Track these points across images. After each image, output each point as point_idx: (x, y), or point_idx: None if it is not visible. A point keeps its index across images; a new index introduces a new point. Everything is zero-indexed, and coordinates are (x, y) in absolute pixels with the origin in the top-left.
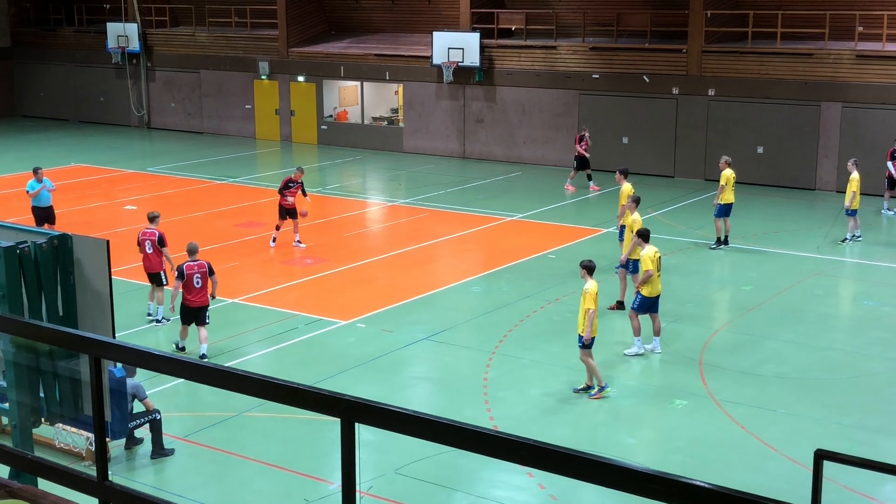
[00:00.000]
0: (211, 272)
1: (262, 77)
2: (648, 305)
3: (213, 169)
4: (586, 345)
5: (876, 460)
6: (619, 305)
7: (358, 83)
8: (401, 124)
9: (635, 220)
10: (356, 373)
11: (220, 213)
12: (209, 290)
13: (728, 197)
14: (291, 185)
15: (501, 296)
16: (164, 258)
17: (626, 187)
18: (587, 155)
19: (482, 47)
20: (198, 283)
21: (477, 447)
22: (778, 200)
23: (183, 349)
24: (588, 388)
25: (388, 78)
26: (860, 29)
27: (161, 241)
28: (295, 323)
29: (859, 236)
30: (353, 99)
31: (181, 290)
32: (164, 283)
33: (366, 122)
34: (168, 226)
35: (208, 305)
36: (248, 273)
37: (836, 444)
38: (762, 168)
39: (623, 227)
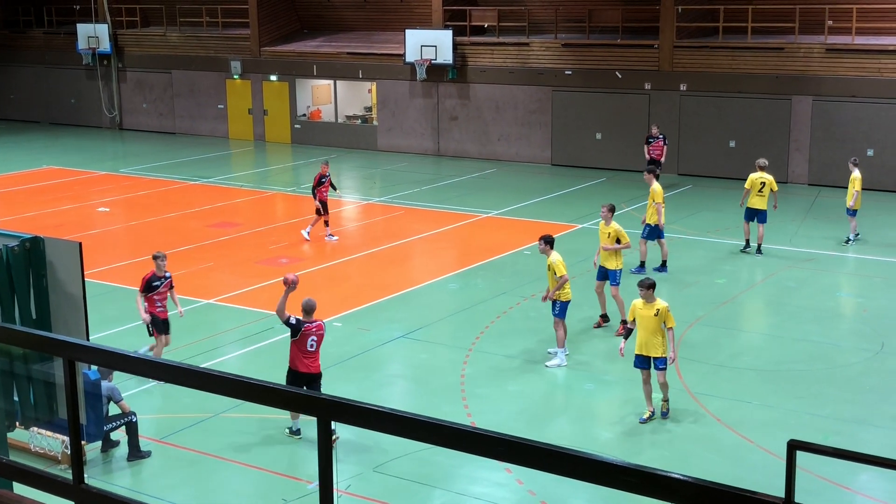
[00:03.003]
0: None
1: (235, 77)
2: (566, 310)
3: (186, 169)
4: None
5: (850, 450)
6: (604, 319)
7: (331, 82)
8: (375, 122)
9: (613, 229)
10: (333, 372)
11: (194, 214)
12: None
13: (755, 202)
14: (324, 179)
15: (477, 293)
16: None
17: (657, 186)
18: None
19: (455, 45)
20: (312, 346)
21: (454, 444)
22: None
23: (297, 433)
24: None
25: (361, 76)
26: (830, 23)
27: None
28: (270, 323)
29: (858, 235)
30: (326, 98)
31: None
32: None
33: (339, 120)
34: (141, 227)
35: (321, 375)
36: (223, 274)
37: (811, 434)
38: (734, 162)
39: (648, 225)
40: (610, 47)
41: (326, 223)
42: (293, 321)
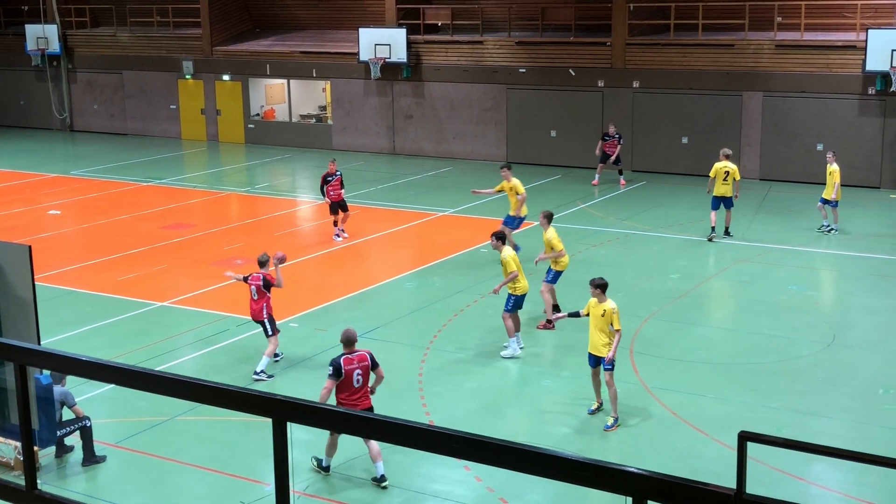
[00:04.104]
0: (374, 364)
1: (187, 77)
2: (521, 304)
3: (138, 171)
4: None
5: (800, 440)
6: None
7: (284, 81)
8: (329, 121)
9: (550, 238)
10: (290, 373)
11: (147, 216)
12: (371, 388)
13: (721, 189)
14: (330, 178)
15: (434, 291)
16: (267, 304)
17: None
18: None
19: (409, 43)
20: (358, 381)
21: (410, 442)
22: (703, 189)
23: (327, 469)
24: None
25: (315, 75)
26: (779, 19)
27: (268, 285)
28: (226, 325)
29: (828, 226)
30: (280, 97)
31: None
32: (269, 332)
33: (294, 119)
34: (93, 230)
35: (372, 409)
36: (177, 276)
37: (764, 426)
38: (687, 158)
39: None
40: (563, 45)
41: (335, 222)
42: (332, 367)
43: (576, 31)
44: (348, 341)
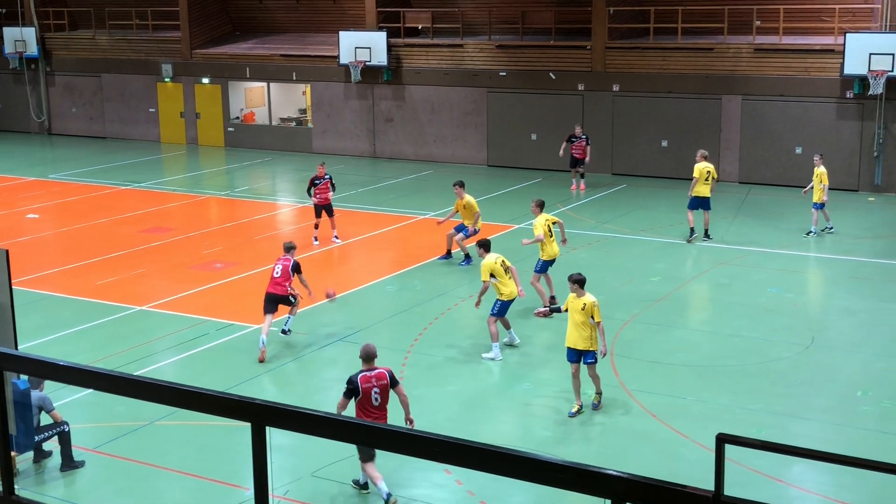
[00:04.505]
0: (394, 382)
1: (166, 80)
2: (506, 309)
3: (117, 174)
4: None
5: (777, 442)
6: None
7: (264, 84)
8: (310, 125)
9: (534, 223)
10: (270, 377)
11: (125, 220)
12: (406, 418)
13: (700, 190)
14: (318, 181)
15: (415, 294)
16: (290, 284)
17: (469, 199)
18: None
19: (389, 46)
20: (376, 400)
21: (390, 446)
22: (683, 192)
23: (364, 486)
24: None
25: (295, 78)
26: (758, 23)
27: (297, 268)
28: (206, 329)
29: (832, 228)
30: (259, 100)
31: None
32: (292, 303)
33: (274, 123)
34: (71, 234)
35: None
36: (156, 279)
37: (744, 428)
38: (667, 161)
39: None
40: (543, 49)
41: (316, 226)
42: (347, 384)
43: (556, 34)
44: (368, 357)
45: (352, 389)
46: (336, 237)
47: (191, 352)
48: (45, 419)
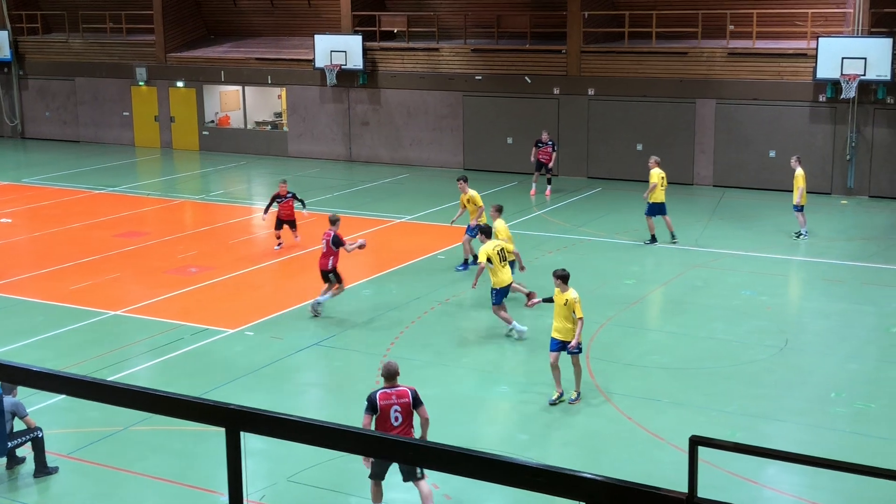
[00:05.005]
0: (417, 403)
1: (140, 83)
2: (503, 296)
3: (90, 178)
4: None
5: (750, 444)
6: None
7: (239, 88)
8: (285, 128)
9: (497, 228)
10: (245, 382)
11: (99, 224)
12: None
13: (659, 196)
14: (279, 200)
15: (392, 298)
16: (334, 258)
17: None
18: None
19: (365, 50)
20: (397, 419)
21: (364, 450)
22: None
23: None
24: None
25: (270, 82)
26: (731, 27)
27: (336, 242)
28: (180, 333)
29: (799, 232)
30: (234, 104)
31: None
32: (336, 280)
33: (249, 126)
34: (45, 238)
35: None
36: (131, 284)
37: (718, 430)
38: (642, 164)
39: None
40: (519, 52)
41: (278, 236)
42: (367, 402)
43: (531, 38)
44: (389, 375)
45: (370, 406)
46: (296, 238)
47: (165, 357)
48: (18, 425)
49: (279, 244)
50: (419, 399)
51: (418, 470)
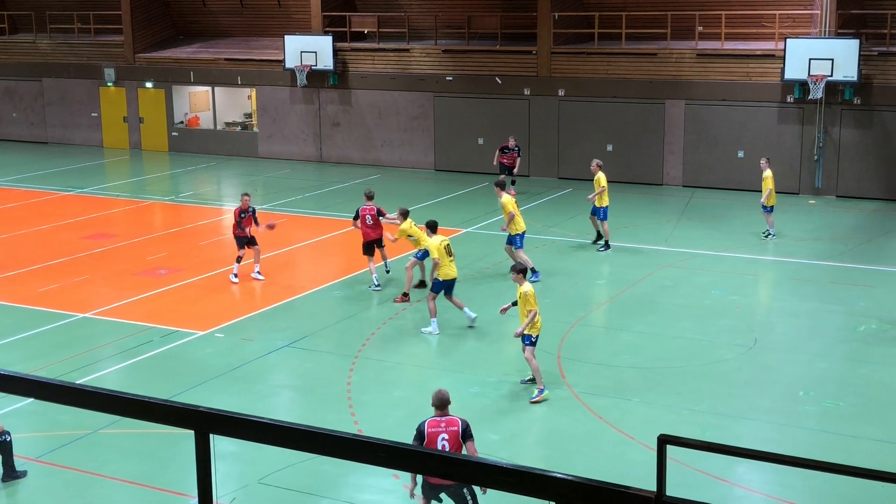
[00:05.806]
0: (466, 436)
1: (109, 84)
2: (441, 287)
3: (58, 180)
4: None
5: (719, 443)
6: (404, 297)
7: (209, 88)
8: (255, 129)
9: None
10: (216, 384)
11: (67, 226)
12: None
13: (606, 199)
14: (244, 215)
15: (363, 299)
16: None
17: (507, 198)
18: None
19: (335, 50)
20: (444, 449)
21: (335, 451)
22: (627, 196)
23: None
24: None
25: (240, 83)
26: (700, 29)
27: (380, 213)
28: (150, 336)
29: (768, 232)
30: (204, 104)
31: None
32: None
33: (219, 127)
34: (11, 241)
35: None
36: (99, 286)
37: (689, 429)
38: (611, 165)
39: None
40: (489, 53)
41: (238, 258)
42: (416, 430)
43: (502, 39)
44: (441, 404)
45: (417, 435)
46: (258, 272)
47: (135, 359)
48: None
49: (235, 274)
50: (469, 432)
51: (469, 500)
